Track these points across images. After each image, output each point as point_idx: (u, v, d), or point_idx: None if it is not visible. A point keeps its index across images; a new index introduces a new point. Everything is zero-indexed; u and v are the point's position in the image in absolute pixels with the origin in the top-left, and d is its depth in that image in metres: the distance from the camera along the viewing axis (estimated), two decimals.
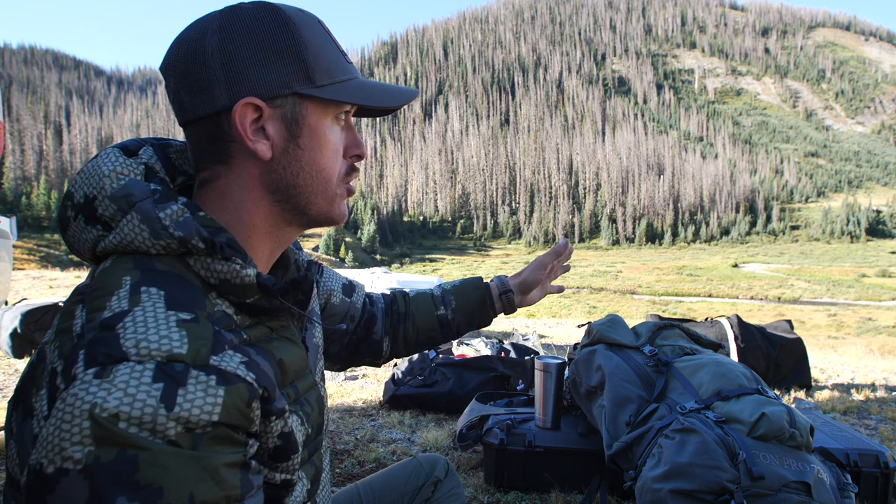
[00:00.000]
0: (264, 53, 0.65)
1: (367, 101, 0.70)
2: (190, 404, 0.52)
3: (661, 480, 1.45)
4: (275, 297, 0.67)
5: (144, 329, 0.55)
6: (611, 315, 2.12)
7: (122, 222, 0.62)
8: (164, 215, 0.62)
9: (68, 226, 0.67)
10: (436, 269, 72.52)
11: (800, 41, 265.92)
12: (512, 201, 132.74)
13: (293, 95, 0.66)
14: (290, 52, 0.66)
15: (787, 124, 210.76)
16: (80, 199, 0.65)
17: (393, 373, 3.18)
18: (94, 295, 0.59)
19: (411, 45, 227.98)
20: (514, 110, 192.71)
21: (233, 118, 0.64)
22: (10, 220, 3.43)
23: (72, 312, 0.59)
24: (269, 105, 0.65)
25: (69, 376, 0.52)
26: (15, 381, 3.21)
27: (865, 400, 3.52)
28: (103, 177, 0.64)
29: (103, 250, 0.64)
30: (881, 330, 31.31)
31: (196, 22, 0.67)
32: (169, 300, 0.58)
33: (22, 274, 11.33)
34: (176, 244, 0.62)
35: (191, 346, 0.55)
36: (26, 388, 0.58)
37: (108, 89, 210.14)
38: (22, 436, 0.56)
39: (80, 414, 0.49)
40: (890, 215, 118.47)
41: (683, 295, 54.21)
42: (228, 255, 0.63)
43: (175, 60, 0.66)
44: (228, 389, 0.55)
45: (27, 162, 76.72)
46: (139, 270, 0.61)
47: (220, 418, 0.53)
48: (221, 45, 0.64)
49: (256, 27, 0.65)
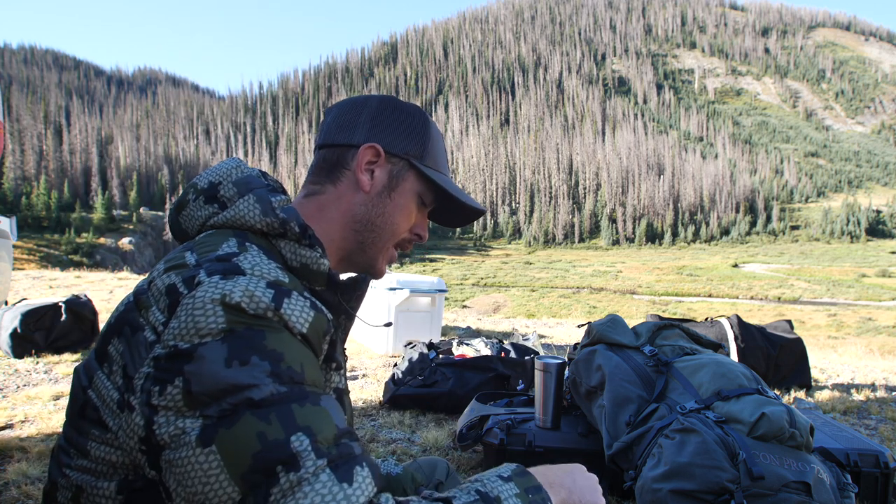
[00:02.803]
0: (402, 127, 0.86)
1: (452, 190, 0.88)
2: (291, 311, 0.63)
3: (661, 480, 1.45)
4: (337, 292, 0.81)
5: (258, 262, 0.68)
6: (611, 315, 2.12)
7: (238, 201, 0.76)
8: (274, 200, 0.77)
9: (185, 207, 0.80)
10: (436, 268, 72.46)
11: (800, 41, 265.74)
12: (512, 201, 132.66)
13: (406, 161, 0.86)
14: (419, 135, 0.87)
15: (787, 124, 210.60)
16: (205, 185, 0.80)
17: (393, 373, 3.17)
18: (203, 245, 0.71)
19: (411, 45, 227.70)
20: (514, 110, 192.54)
21: (358, 152, 0.83)
22: (10, 220, 3.43)
23: (181, 256, 0.70)
24: (386, 156, 0.84)
25: (192, 283, 0.63)
26: (15, 381, 3.21)
27: (865, 400, 3.51)
28: (230, 169, 0.81)
29: (213, 224, 0.77)
30: (881, 330, 31.32)
31: (369, 94, 0.91)
32: (268, 256, 0.72)
33: (22, 274, 11.31)
34: (278, 224, 0.75)
35: (291, 281, 0.69)
36: (128, 314, 0.67)
37: (108, 89, 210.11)
38: (130, 349, 0.64)
39: (210, 301, 0.60)
40: (890, 215, 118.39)
41: (683, 295, 54.16)
42: (313, 244, 0.76)
43: (340, 105, 0.89)
44: (317, 315, 0.67)
45: (27, 162, 76.62)
46: (240, 238, 0.74)
47: (308, 332, 0.65)
48: (378, 107, 0.86)
49: (406, 112, 0.87)
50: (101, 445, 0.66)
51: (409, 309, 4.68)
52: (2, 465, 2.00)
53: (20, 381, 3.23)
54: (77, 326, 4.03)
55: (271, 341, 0.60)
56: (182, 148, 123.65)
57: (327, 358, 0.71)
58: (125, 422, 0.62)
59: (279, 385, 0.58)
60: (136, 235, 65.42)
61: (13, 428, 2.42)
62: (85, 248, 57.05)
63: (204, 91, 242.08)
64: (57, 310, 3.94)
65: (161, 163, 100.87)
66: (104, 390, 0.65)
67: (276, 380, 0.58)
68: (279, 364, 0.59)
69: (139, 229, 67.75)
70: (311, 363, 0.64)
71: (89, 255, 55.80)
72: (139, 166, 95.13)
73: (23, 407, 2.71)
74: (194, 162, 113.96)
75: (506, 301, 47.27)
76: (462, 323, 7.73)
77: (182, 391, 0.57)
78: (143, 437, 0.60)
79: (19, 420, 2.52)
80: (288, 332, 0.62)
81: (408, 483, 1.08)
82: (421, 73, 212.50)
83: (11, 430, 2.40)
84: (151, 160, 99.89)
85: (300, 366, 0.61)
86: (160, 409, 0.58)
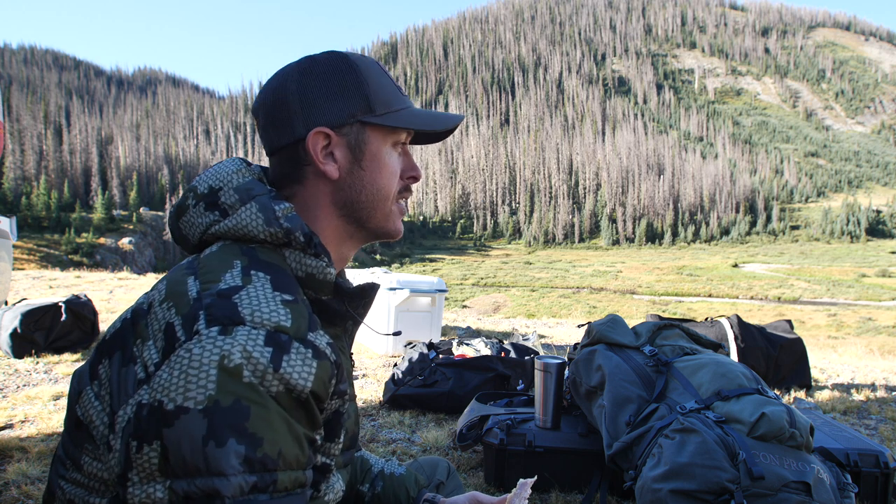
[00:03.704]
0: (333, 91, 0.78)
1: (418, 126, 0.81)
2: (292, 369, 0.61)
3: (661, 480, 1.45)
4: (344, 300, 0.78)
5: (258, 302, 0.64)
6: (611, 315, 2.12)
7: (240, 209, 0.73)
8: (277, 208, 0.73)
9: (185, 213, 0.78)
10: (436, 269, 72.47)
11: (800, 41, 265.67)
12: (512, 201, 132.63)
13: (357, 124, 0.79)
14: (354, 88, 0.78)
15: (787, 124, 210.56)
16: (204, 189, 0.77)
17: (393, 373, 3.17)
18: (206, 270, 0.69)
19: (411, 45, 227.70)
20: (514, 110, 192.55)
21: (307, 145, 0.77)
22: (10, 220, 3.43)
23: (183, 281, 0.68)
24: (336, 133, 0.78)
25: (191, 330, 0.61)
26: (15, 381, 3.21)
27: (865, 400, 3.51)
28: (232, 173, 0.78)
29: (213, 234, 0.74)
30: (881, 330, 31.32)
31: (279, 71, 0.81)
32: (274, 283, 0.68)
33: (22, 274, 11.31)
34: (282, 234, 0.72)
35: (294, 321, 0.65)
36: (124, 338, 0.66)
37: (108, 89, 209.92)
38: (119, 379, 0.63)
39: (208, 362, 0.58)
40: (890, 215, 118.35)
41: (683, 295, 54.16)
42: (319, 253, 0.74)
43: (262, 103, 0.81)
44: (320, 363, 0.64)
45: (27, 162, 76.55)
46: (247, 257, 0.70)
47: (313, 387, 0.63)
48: (299, 87, 0.78)
49: (327, 70, 0.79)
50: (93, 461, 0.66)
51: (409, 309, 4.68)
52: (2, 465, 2.00)
53: (20, 381, 3.23)
54: (77, 326, 4.03)
55: (254, 422, 0.58)
56: (182, 148, 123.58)
57: (333, 393, 0.69)
58: (106, 456, 0.64)
59: (249, 475, 0.57)
60: (136, 235, 65.36)
61: (13, 428, 2.42)
62: (85, 248, 57.00)
63: (204, 91, 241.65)
64: (57, 310, 3.93)
65: (161, 163, 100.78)
66: (92, 410, 0.66)
67: (247, 468, 0.57)
68: (255, 450, 0.58)
69: (139, 229, 67.68)
70: (295, 439, 0.62)
71: (89, 255, 55.77)
72: (139, 166, 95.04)
73: (23, 407, 2.71)
74: (194, 162, 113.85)
75: (506, 301, 47.27)
76: (462, 323, 7.73)
77: (158, 456, 0.57)
78: (119, 481, 0.60)
79: (19, 420, 2.52)
80: (277, 405, 0.60)
81: (410, 484, 1.08)
82: (421, 73, 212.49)
83: (11, 430, 2.40)
84: (151, 160, 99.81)
85: (277, 452, 0.59)
86: (135, 466, 0.58)
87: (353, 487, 1.06)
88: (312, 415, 0.64)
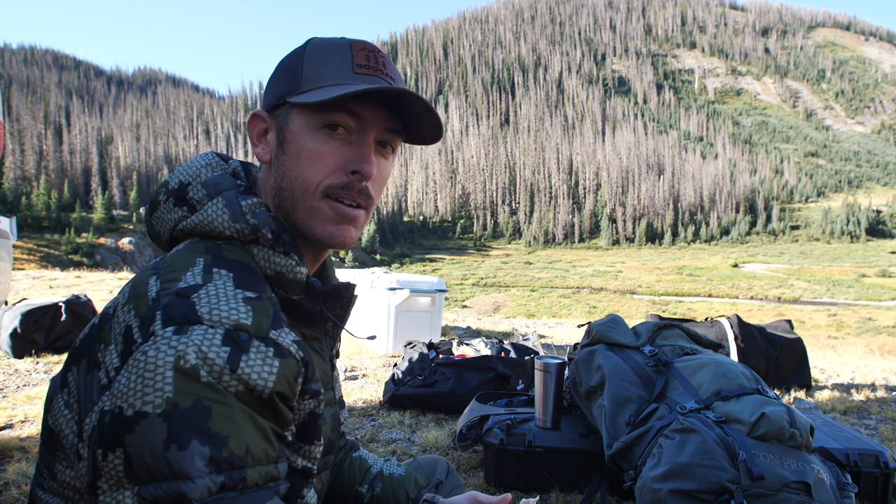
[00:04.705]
0: (277, 75, 0.76)
1: (328, 96, 0.69)
2: (251, 369, 0.59)
3: (661, 480, 1.45)
4: (317, 301, 0.74)
5: (216, 300, 0.62)
6: (611, 315, 2.12)
7: (207, 205, 0.71)
8: (244, 204, 0.71)
9: (157, 208, 0.76)
10: (436, 269, 72.47)
11: (800, 41, 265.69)
12: (512, 201, 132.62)
13: (286, 105, 0.74)
14: (291, 70, 0.74)
15: (787, 124, 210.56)
16: (175, 185, 0.75)
17: (393, 373, 3.17)
18: (168, 269, 0.66)
19: (411, 45, 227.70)
20: (514, 110, 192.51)
21: (248, 129, 0.76)
22: (10, 220, 3.44)
23: (145, 281, 0.65)
24: (270, 116, 0.75)
25: (147, 332, 0.59)
26: (15, 381, 3.21)
27: (865, 400, 3.51)
28: (200, 168, 0.75)
29: (182, 230, 0.72)
30: (881, 330, 31.31)
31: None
32: (237, 281, 0.65)
33: (22, 274, 11.31)
34: (248, 230, 0.70)
35: (255, 318, 0.62)
36: (91, 344, 0.64)
37: (108, 89, 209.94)
38: (86, 386, 0.62)
39: (163, 364, 0.56)
40: (890, 215, 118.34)
41: (683, 295, 54.16)
42: (288, 251, 0.71)
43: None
44: (283, 361, 0.61)
45: (27, 162, 76.55)
46: (211, 255, 0.68)
47: (276, 387, 0.60)
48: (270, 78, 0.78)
49: (285, 57, 0.76)
50: (66, 469, 0.65)
51: (409, 309, 4.68)
52: (2, 465, 2.00)
53: (20, 381, 3.24)
54: (77, 326, 4.03)
55: (217, 421, 0.56)
56: (182, 148, 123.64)
57: (303, 392, 0.66)
58: (77, 465, 0.64)
59: (216, 475, 0.56)
60: (136, 235, 65.34)
61: (13, 428, 2.42)
62: (85, 249, 56.99)
63: (204, 91, 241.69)
64: (57, 310, 3.94)
65: (161, 163, 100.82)
66: (61, 419, 0.65)
67: (214, 468, 0.56)
68: (221, 450, 0.56)
69: (139, 229, 67.66)
70: (262, 434, 0.60)
71: (89, 255, 55.77)
72: (139, 166, 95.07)
73: (23, 407, 2.71)
74: None
75: (506, 301, 47.27)
76: (462, 323, 7.74)
77: (123, 462, 0.56)
78: (90, 490, 0.59)
79: (19, 420, 2.52)
80: (240, 402, 0.58)
81: (410, 485, 1.07)
82: (421, 73, 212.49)
83: (11, 430, 2.40)
84: (151, 160, 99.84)
85: (244, 449, 0.58)
86: (103, 474, 0.57)
87: (352, 488, 1.05)
88: (279, 413, 0.62)
